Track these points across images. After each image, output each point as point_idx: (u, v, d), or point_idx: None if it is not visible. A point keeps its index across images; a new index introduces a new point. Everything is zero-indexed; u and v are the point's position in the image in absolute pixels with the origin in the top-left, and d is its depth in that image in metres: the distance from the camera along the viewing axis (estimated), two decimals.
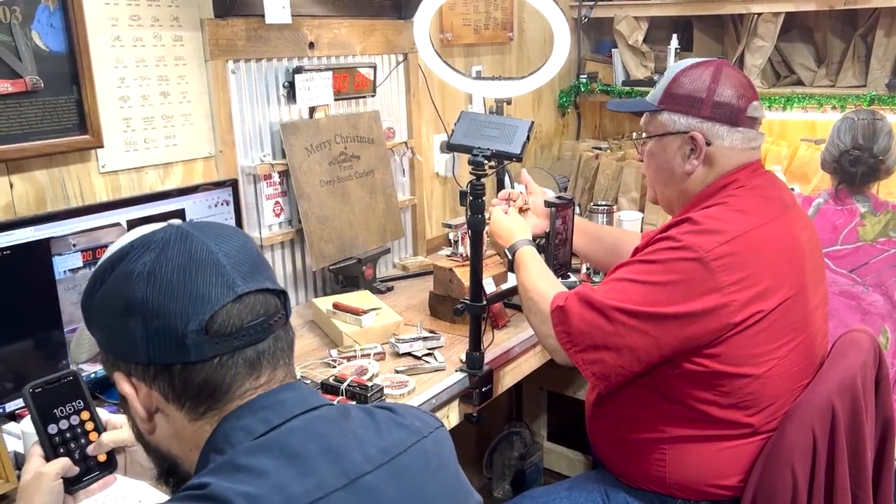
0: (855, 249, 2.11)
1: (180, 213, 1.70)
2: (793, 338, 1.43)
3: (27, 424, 1.31)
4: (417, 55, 2.32)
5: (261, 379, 0.81)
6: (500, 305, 1.98)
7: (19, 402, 1.45)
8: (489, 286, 1.83)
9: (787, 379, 1.44)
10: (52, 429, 0.92)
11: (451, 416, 1.68)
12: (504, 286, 1.89)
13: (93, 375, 1.53)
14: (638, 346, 1.39)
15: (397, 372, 1.69)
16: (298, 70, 2.02)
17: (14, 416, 1.43)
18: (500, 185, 2.48)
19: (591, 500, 1.58)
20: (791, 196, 1.57)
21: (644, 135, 1.59)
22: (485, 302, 1.62)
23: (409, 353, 1.78)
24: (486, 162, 1.58)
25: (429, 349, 1.79)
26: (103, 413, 0.99)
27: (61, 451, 0.92)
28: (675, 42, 2.91)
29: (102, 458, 0.96)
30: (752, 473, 1.44)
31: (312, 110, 2.11)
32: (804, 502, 1.39)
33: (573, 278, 2.15)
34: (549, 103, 3.20)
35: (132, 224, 1.59)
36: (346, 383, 1.54)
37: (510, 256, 1.67)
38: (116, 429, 0.97)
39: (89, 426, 0.95)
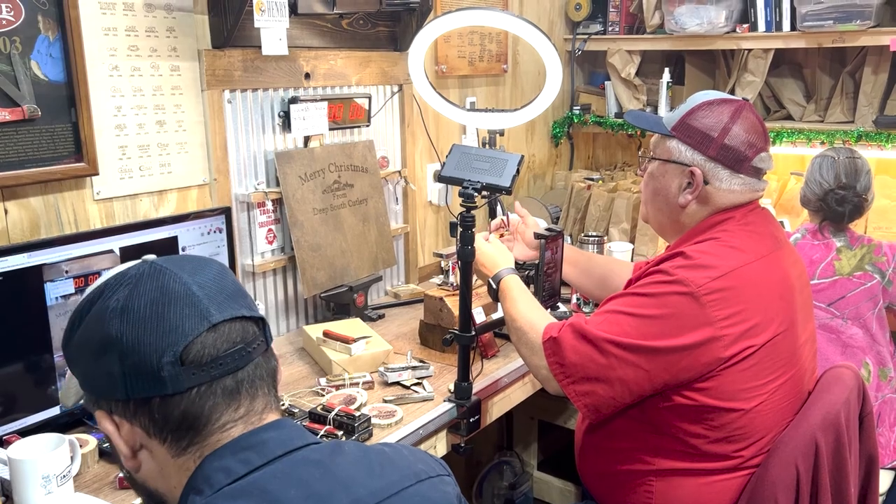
0: (832, 283, 2.12)
1: (173, 241, 1.71)
2: (782, 373, 1.45)
3: (14, 451, 1.31)
4: (412, 86, 2.36)
5: (240, 410, 0.80)
6: (490, 335, 1.99)
7: (8, 428, 1.45)
8: (479, 316, 1.84)
9: (776, 414, 1.45)
10: None
11: (439, 447, 1.68)
12: (494, 316, 1.90)
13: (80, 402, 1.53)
14: (630, 378, 1.40)
15: (385, 401, 1.69)
16: (294, 100, 2.05)
17: (1, 442, 1.43)
18: (493, 216, 2.50)
19: None
20: (782, 233, 1.59)
21: (650, 154, 1.61)
22: (474, 332, 1.64)
23: (397, 383, 1.79)
24: (476, 194, 1.61)
25: (418, 378, 1.80)
26: None
27: None
28: (667, 76, 2.96)
29: None
30: None
31: (307, 139, 2.14)
32: None
33: (563, 308, 2.17)
34: (542, 134, 3.24)
35: (125, 251, 1.61)
36: (333, 412, 1.54)
37: (494, 285, 1.67)
38: None
39: None
